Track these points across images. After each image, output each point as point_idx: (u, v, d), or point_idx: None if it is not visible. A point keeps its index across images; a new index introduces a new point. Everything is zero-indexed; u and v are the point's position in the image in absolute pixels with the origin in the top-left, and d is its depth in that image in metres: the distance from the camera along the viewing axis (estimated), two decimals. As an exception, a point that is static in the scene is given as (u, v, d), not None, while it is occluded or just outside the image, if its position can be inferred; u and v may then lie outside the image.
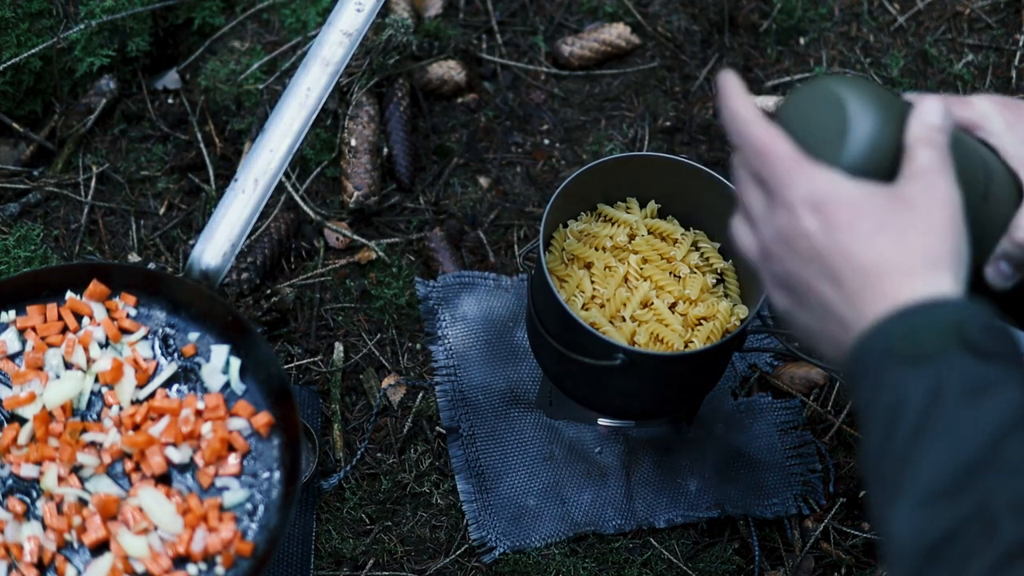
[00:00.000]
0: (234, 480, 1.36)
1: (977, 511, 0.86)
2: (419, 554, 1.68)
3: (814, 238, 0.98)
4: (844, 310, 0.97)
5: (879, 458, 0.92)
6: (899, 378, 0.91)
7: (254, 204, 1.47)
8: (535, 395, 1.77)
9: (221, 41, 2.05)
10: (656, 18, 2.12)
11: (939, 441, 0.89)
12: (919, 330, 0.92)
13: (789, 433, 1.77)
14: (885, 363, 0.92)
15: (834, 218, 0.98)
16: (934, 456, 0.88)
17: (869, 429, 0.93)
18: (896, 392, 0.91)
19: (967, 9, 2.13)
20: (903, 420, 0.90)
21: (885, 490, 0.91)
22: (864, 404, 0.94)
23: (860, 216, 0.98)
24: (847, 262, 0.97)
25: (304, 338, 1.82)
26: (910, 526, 0.88)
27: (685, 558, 1.68)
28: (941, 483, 0.87)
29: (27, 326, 1.43)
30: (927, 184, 0.99)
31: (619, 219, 1.64)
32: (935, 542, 0.86)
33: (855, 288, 0.96)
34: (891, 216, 0.98)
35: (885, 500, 0.90)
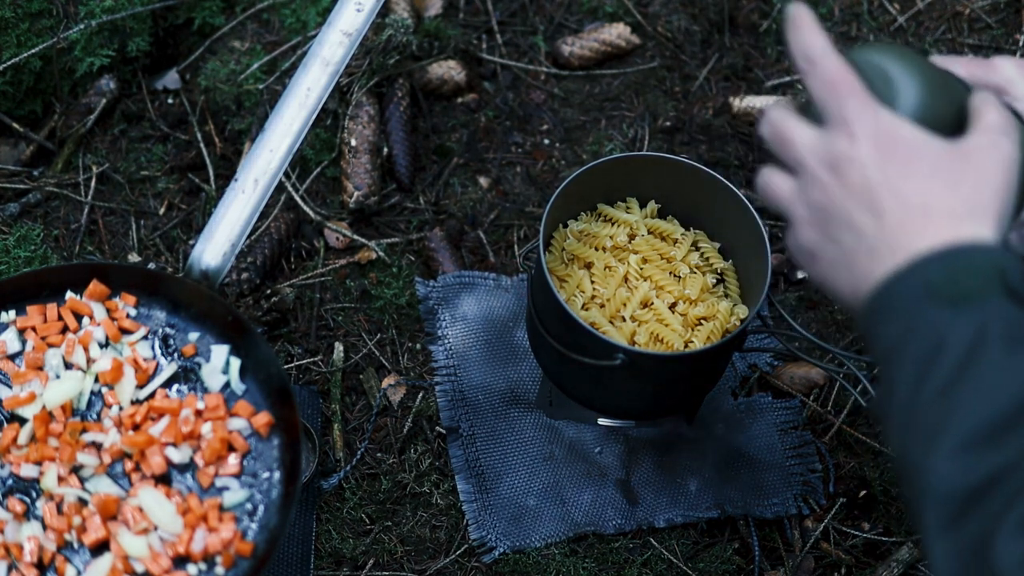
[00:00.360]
0: (234, 480, 1.36)
1: (1019, 455, 0.84)
2: (419, 554, 1.68)
3: (868, 168, 0.97)
4: (880, 242, 0.95)
5: (912, 399, 0.89)
6: (938, 318, 0.89)
7: (254, 204, 1.47)
8: (535, 395, 1.77)
9: (221, 41, 2.05)
10: (656, 18, 2.12)
11: (982, 387, 0.87)
12: (961, 271, 0.90)
13: (789, 433, 1.77)
14: (922, 301, 0.90)
15: (892, 154, 0.98)
16: (977, 401, 0.86)
17: (899, 368, 0.91)
18: (935, 332, 0.89)
19: (967, 9, 2.13)
20: (942, 362, 0.88)
21: (919, 436, 0.88)
22: (891, 342, 0.92)
23: (917, 158, 0.98)
24: (894, 196, 0.96)
25: (304, 338, 1.82)
26: (951, 470, 0.86)
27: (685, 558, 1.68)
28: (983, 429, 0.85)
29: (27, 326, 1.43)
30: (991, 141, 1.00)
31: (619, 219, 1.64)
32: (976, 487, 0.85)
33: (896, 222, 0.95)
34: (948, 164, 0.98)
35: (920, 443, 0.88)
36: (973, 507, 0.85)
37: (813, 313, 1.88)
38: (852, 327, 1.85)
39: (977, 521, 0.84)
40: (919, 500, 0.88)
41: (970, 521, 0.85)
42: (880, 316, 0.94)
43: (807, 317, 1.87)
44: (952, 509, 0.85)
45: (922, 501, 0.88)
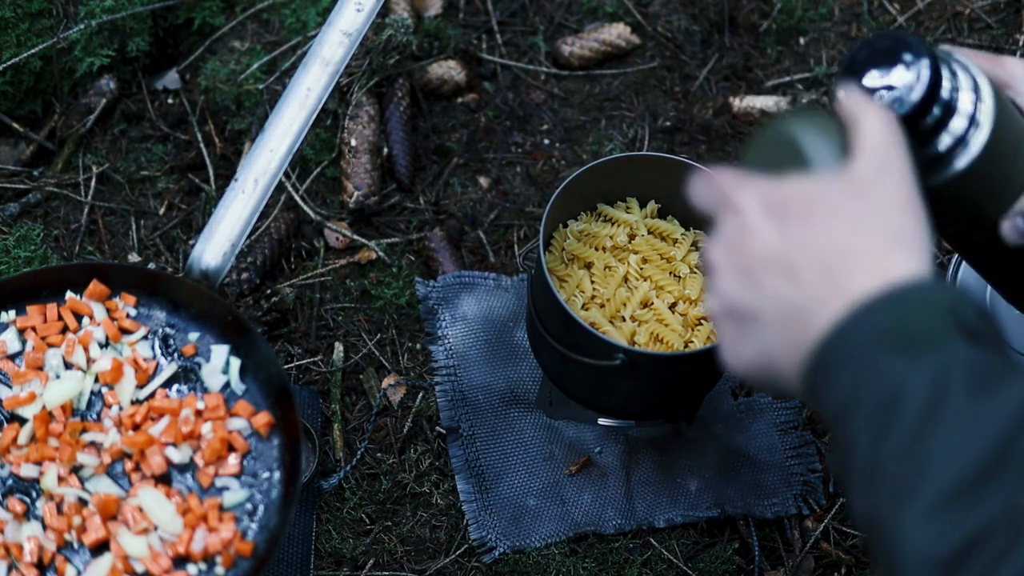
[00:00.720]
0: (234, 480, 1.36)
1: (1002, 512, 0.78)
2: (419, 554, 1.68)
3: (766, 237, 0.91)
4: (807, 301, 0.88)
5: (873, 456, 0.82)
6: (892, 366, 0.82)
7: (254, 204, 1.47)
8: (535, 395, 1.77)
9: (221, 41, 2.05)
10: (656, 18, 2.12)
11: (949, 440, 0.80)
12: (910, 313, 0.84)
13: (789, 433, 1.77)
14: (871, 350, 0.83)
15: (785, 214, 0.91)
16: (946, 457, 0.79)
17: (854, 424, 0.83)
18: (890, 382, 0.82)
19: (967, 9, 2.13)
20: (903, 415, 0.81)
21: (885, 497, 0.81)
22: (843, 397, 0.85)
23: (812, 207, 0.91)
24: (805, 254, 0.89)
25: (304, 338, 1.82)
26: (926, 534, 0.79)
27: (685, 558, 1.68)
28: (957, 487, 0.79)
29: (27, 326, 1.43)
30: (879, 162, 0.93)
31: (619, 219, 1.64)
32: (955, 552, 0.78)
33: (816, 277, 0.88)
34: (846, 202, 0.90)
35: (886, 507, 0.81)
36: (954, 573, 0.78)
37: (813, 313, 1.87)
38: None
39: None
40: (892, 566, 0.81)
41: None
42: (827, 372, 0.86)
43: (807, 317, 1.87)
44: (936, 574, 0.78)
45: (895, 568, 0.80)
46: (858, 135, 0.95)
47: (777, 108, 2.01)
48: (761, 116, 2.01)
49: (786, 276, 0.90)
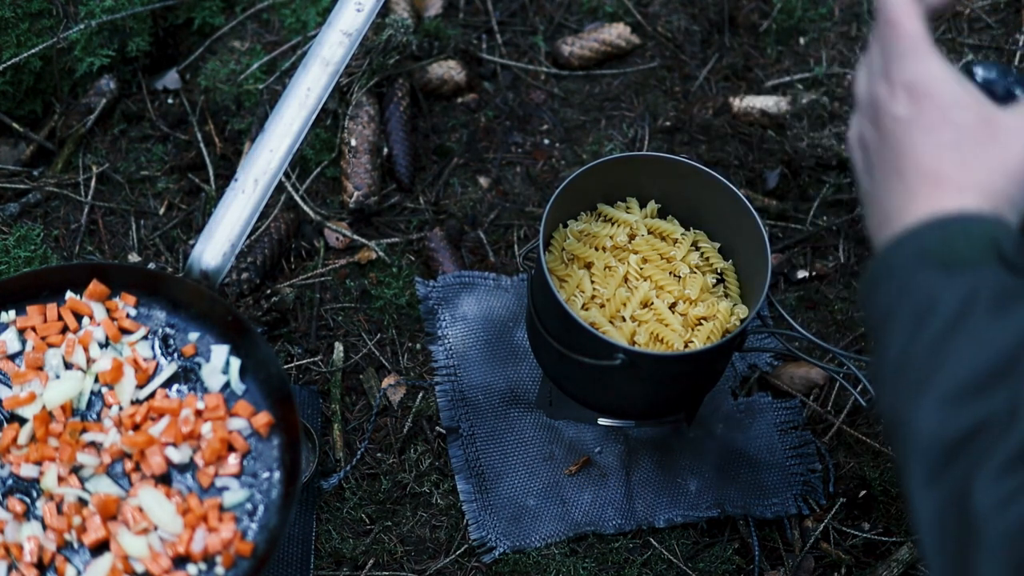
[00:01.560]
0: (234, 480, 1.36)
1: (1003, 409, 0.86)
2: (419, 554, 1.68)
3: (897, 123, 0.99)
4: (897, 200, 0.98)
5: (902, 358, 0.91)
6: (931, 281, 0.92)
7: (254, 204, 1.47)
8: (535, 395, 1.77)
9: (221, 41, 2.05)
10: (656, 18, 2.12)
11: (969, 343, 0.89)
12: (955, 237, 0.93)
13: (789, 433, 1.77)
14: (916, 265, 0.93)
15: (921, 112, 0.99)
16: (963, 356, 0.88)
17: (891, 330, 0.93)
18: (926, 294, 0.92)
19: (967, 9, 2.13)
20: (932, 322, 0.90)
21: (908, 388, 0.90)
22: (886, 306, 0.95)
23: (944, 123, 0.98)
24: (913, 159, 0.98)
25: (304, 338, 1.82)
26: (935, 420, 0.88)
27: (685, 558, 1.68)
28: (968, 381, 0.88)
29: (27, 326, 1.43)
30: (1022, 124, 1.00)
31: (619, 219, 1.64)
32: (959, 437, 0.86)
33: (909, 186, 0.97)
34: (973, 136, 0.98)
35: (907, 397, 0.90)
36: (955, 457, 0.86)
37: (813, 313, 1.88)
38: (852, 327, 1.85)
39: (959, 470, 0.86)
40: (904, 454, 0.90)
41: (952, 471, 0.86)
42: (878, 281, 0.96)
43: (807, 317, 1.87)
44: (935, 460, 0.87)
45: (907, 454, 0.89)
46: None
47: (777, 108, 2.01)
48: (761, 116, 2.01)
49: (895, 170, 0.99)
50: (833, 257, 1.92)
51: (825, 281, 1.91)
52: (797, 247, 1.93)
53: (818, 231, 1.93)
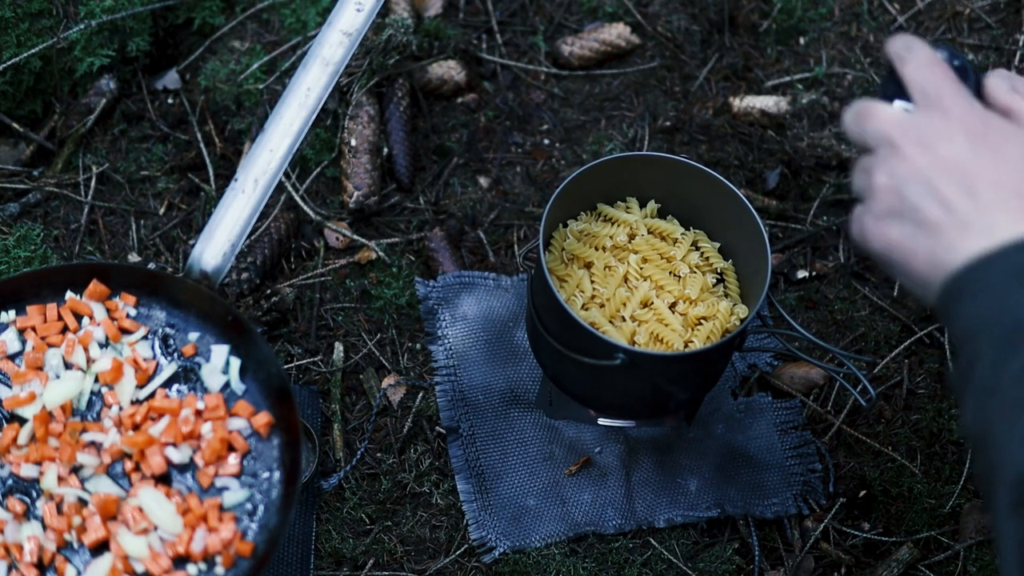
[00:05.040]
0: (234, 480, 1.36)
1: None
2: (419, 554, 1.68)
3: (962, 146, 1.00)
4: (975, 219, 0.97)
5: (993, 379, 0.91)
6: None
7: (254, 204, 1.47)
8: (535, 395, 1.77)
9: (221, 41, 2.05)
10: (656, 18, 2.12)
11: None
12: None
13: (789, 433, 1.77)
14: (1013, 283, 0.92)
15: (984, 137, 1.00)
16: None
17: (981, 345, 0.93)
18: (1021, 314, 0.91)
19: (967, 9, 2.13)
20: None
21: (1000, 412, 0.90)
22: (976, 319, 0.94)
23: (1009, 145, 1.00)
24: (988, 177, 0.98)
25: (304, 338, 1.82)
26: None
27: (685, 558, 1.68)
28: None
29: (27, 326, 1.43)
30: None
31: (619, 219, 1.64)
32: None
33: (991, 202, 0.97)
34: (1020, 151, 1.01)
35: (999, 421, 0.90)
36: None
37: (813, 313, 1.88)
38: (852, 327, 1.85)
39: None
40: (991, 477, 0.90)
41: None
42: (966, 293, 0.95)
43: (807, 317, 1.87)
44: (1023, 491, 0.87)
45: (994, 478, 0.89)
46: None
47: (777, 108, 2.01)
48: (761, 116, 2.01)
49: (965, 190, 0.98)
50: (833, 257, 1.92)
51: (825, 281, 1.91)
52: (797, 247, 1.93)
53: (818, 231, 1.93)
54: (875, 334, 1.85)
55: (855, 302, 1.88)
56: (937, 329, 1.84)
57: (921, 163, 1.01)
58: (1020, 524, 0.87)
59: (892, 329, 1.85)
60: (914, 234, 1.01)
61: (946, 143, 1.01)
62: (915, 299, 1.87)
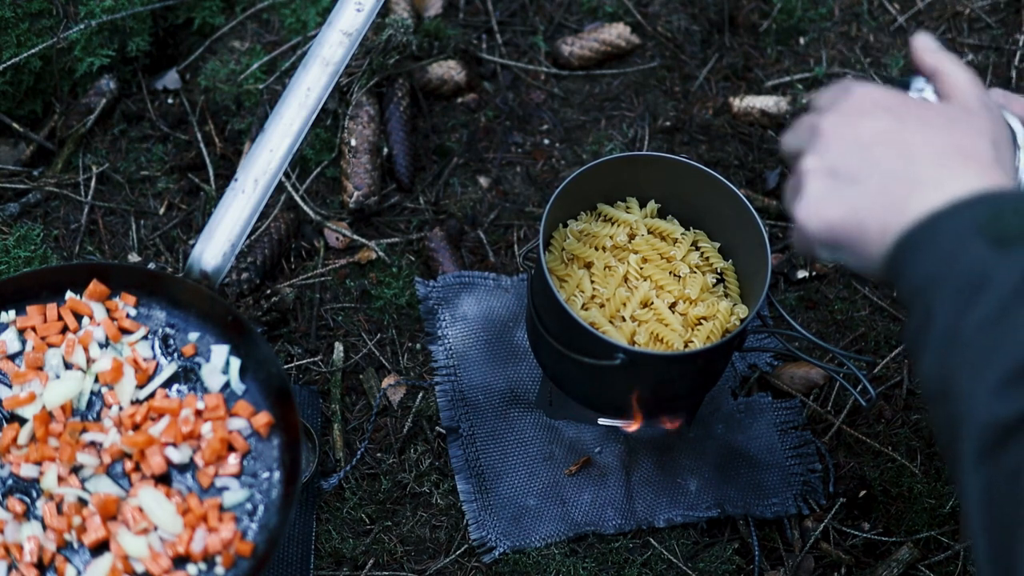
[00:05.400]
0: (234, 480, 1.36)
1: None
2: (419, 554, 1.68)
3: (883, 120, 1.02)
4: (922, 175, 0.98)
5: (952, 332, 0.91)
6: (983, 255, 0.91)
7: (254, 204, 1.47)
8: (535, 395, 1.77)
9: (221, 41, 2.05)
10: (656, 18, 2.12)
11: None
12: (1007, 214, 0.93)
13: (789, 433, 1.77)
14: (967, 238, 0.92)
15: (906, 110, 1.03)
16: (1020, 341, 0.87)
17: (936, 300, 0.93)
18: (978, 269, 0.91)
19: (967, 9, 2.13)
20: (987, 297, 0.90)
21: (961, 365, 0.90)
22: (929, 273, 0.94)
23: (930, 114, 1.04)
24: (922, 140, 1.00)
25: (304, 338, 1.82)
26: (993, 402, 0.87)
27: (685, 558, 1.68)
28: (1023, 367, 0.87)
29: (27, 326, 1.43)
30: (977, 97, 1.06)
31: (619, 219, 1.64)
32: (1016, 417, 0.86)
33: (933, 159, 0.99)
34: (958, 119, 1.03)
35: (961, 375, 0.90)
36: (1011, 439, 0.86)
37: (813, 313, 1.88)
38: (852, 327, 1.85)
39: (1014, 453, 0.85)
40: (955, 429, 0.89)
41: (1007, 452, 0.86)
42: (920, 249, 0.95)
43: (807, 317, 1.87)
44: (990, 440, 0.86)
45: (959, 430, 0.89)
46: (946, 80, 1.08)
47: (777, 108, 2.01)
48: (761, 116, 2.01)
49: (901, 151, 1.00)
50: (833, 257, 1.92)
51: (825, 281, 1.91)
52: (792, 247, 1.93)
53: (818, 231, 1.93)
54: (875, 334, 1.85)
55: (855, 302, 1.88)
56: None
57: (848, 136, 1.02)
58: (986, 474, 0.87)
59: (892, 329, 1.85)
60: (855, 206, 1.01)
61: (868, 118, 1.02)
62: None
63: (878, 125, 1.02)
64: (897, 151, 1.00)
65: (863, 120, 1.03)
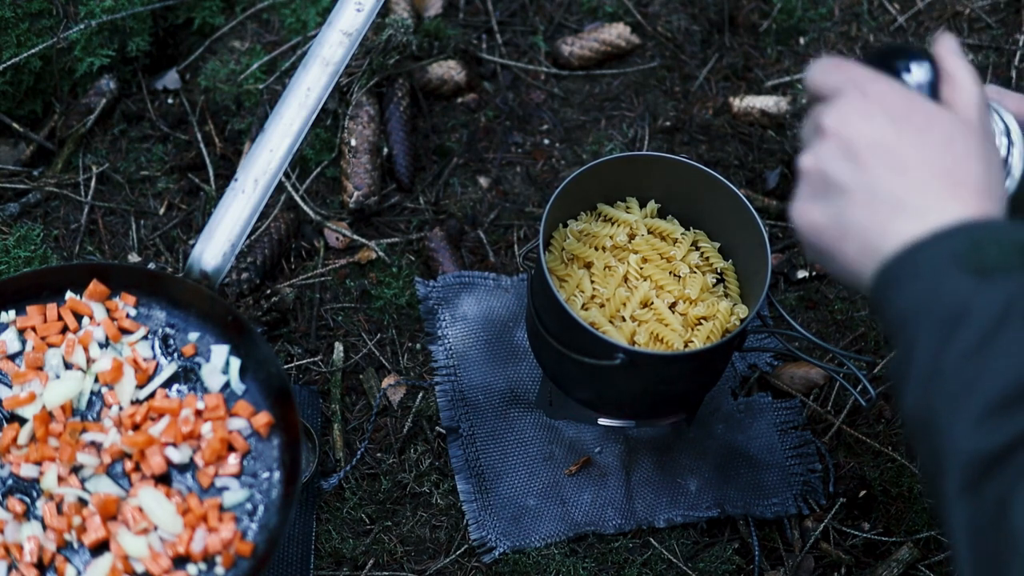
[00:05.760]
0: (234, 480, 1.36)
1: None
2: (419, 554, 1.68)
3: (883, 127, 0.99)
4: (907, 199, 0.96)
5: (934, 364, 0.90)
6: (964, 286, 0.90)
7: (254, 204, 1.47)
8: (535, 395, 1.77)
9: (221, 41, 2.05)
10: (656, 18, 2.12)
11: (1009, 355, 0.88)
12: (986, 243, 0.92)
13: (789, 433, 1.77)
14: (947, 268, 0.92)
15: (909, 115, 1.00)
16: (1003, 369, 0.87)
17: (919, 333, 0.92)
18: (959, 299, 0.90)
19: (967, 9, 2.13)
20: (966, 331, 0.89)
21: (943, 397, 0.89)
22: (911, 305, 0.93)
23: (932, 125, 1.00)
24: (918, 158, 0.98)
25: (304, 338, 1.82)
26: (975, 434, 0.87)
27: (685, 558, 1.68)
28: (1009, 394, 0.86)
29: (27, 326, 1.43)
30: (980, 114, 1.03)
31: (619, 219, 1.64)
32: (999, 450, 0.85)
33: (922, 182, 0.97)
34: (960, 135, 1.00)
35: (942, 407, 0.89)
36: (994, 470, 0.85)
37: (813, 313, 1.88)
38: (852, 327, 1.85)
39: (998, 484, 0.85)
40: (938, 462, 0.89)
41: (991, 484, 0.85)
42: (901, 280, 0.94)
43: (807, 317, 1.87)
44: (974, 472, 0.86)
45: (942, 463, 0.88)
46: (956, 87, 1.05)
47: (777, 108, 2.01)
48: (761, 116, 2.01)
49: (893, 168, 0.97)
50: (833, 257, 1.92)
51: (825, 281, 1.91)
52: (797, 247, 1.93)
53: (818, 231, 1.93)
54: (875, 334, 1.85)
55: (855, 302, 1.88)
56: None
57: (845, 139, 1.00)
58: (969, 506, 0.86)
59: (892, 329, 1.85)
60: (840, 217, 0.99)
61: (866, 121, 1.00)
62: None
63: (876, 134, 0.99)
64: (889, 165, 0.98)
65: (863, 124, 1.00)
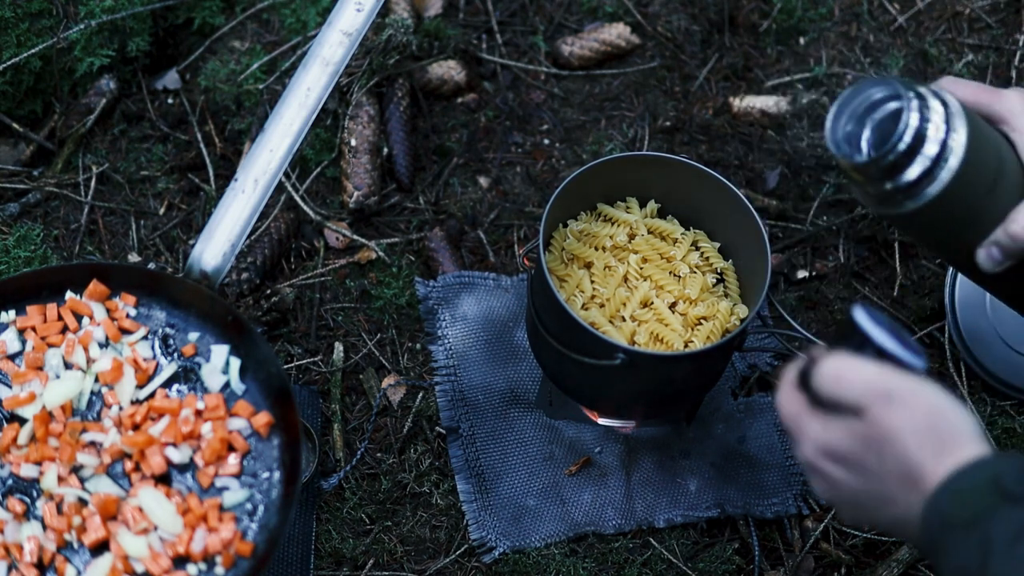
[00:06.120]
0: (234, 480, 1.36)
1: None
2: (419, 554, 1.68)
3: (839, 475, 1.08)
4: (891, 495, 1.05)
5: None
6: (959, 544, 0.98)
7: (254, 204, 1.47)
8: (535, 395, 1.77)
9: (221, 41, 2.05)
10: (656, 18, 2.12)
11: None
12: (966, 495, 0.99)
13: (789, 433, 1.77)
14: (946, 533, 0.99)
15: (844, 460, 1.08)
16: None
17: None
18: (959, 558, 0.98)
19: (967, 9, 2.13)
20: None
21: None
22: (940, 567, 1.02)
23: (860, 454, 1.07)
24: (877, 473, 1.05)
25: (304, 338, 1.82)
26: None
27: (685, 558, 1.68)
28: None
29: (27, 326, 1.43)
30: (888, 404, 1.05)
31: (619, 219, 1.64)
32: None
33: (894, 485, 1.04)
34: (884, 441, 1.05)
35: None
36: None
37: (813, 313, 1.88)
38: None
39: None
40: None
41: None
42: (930, 547, 1.02)
43: (807, 317, 1.87)
44: None
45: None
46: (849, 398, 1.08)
47: (777, 108, 2.01)
48: (761, 116, 2.01)
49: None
50: (833, 257, 1.92)
51: (825, 281, 1.91)
52: (797, 247, 1.93)
53: (818, 231, 1.93)
54: (875, 334, 1.84)
55: (855, 302, 1.88)
56: (937, 329, 1.84)
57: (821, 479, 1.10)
58: None
59: (892, 329, 1.85)
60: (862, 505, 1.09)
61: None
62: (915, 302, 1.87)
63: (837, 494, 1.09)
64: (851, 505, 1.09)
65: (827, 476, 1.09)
